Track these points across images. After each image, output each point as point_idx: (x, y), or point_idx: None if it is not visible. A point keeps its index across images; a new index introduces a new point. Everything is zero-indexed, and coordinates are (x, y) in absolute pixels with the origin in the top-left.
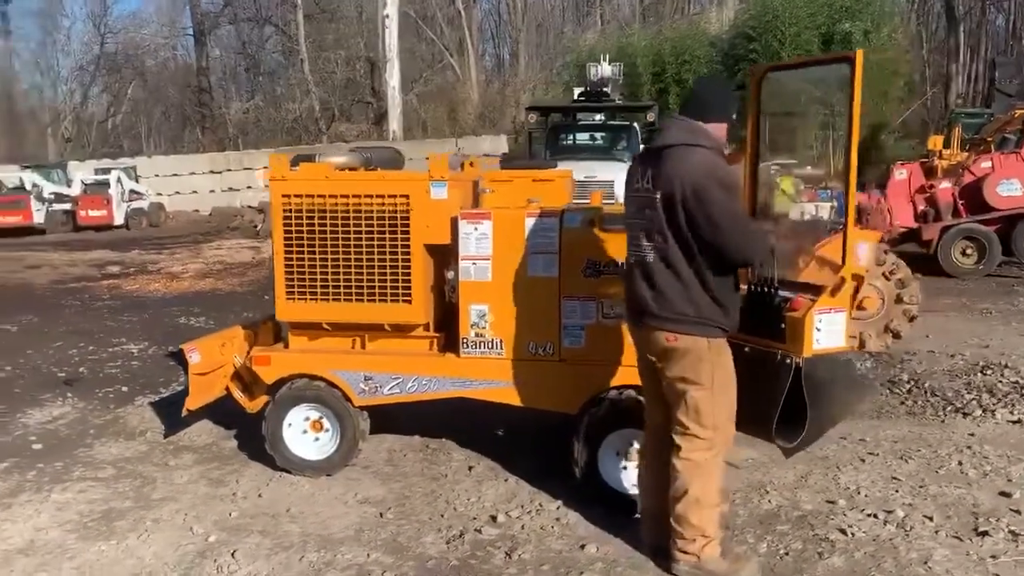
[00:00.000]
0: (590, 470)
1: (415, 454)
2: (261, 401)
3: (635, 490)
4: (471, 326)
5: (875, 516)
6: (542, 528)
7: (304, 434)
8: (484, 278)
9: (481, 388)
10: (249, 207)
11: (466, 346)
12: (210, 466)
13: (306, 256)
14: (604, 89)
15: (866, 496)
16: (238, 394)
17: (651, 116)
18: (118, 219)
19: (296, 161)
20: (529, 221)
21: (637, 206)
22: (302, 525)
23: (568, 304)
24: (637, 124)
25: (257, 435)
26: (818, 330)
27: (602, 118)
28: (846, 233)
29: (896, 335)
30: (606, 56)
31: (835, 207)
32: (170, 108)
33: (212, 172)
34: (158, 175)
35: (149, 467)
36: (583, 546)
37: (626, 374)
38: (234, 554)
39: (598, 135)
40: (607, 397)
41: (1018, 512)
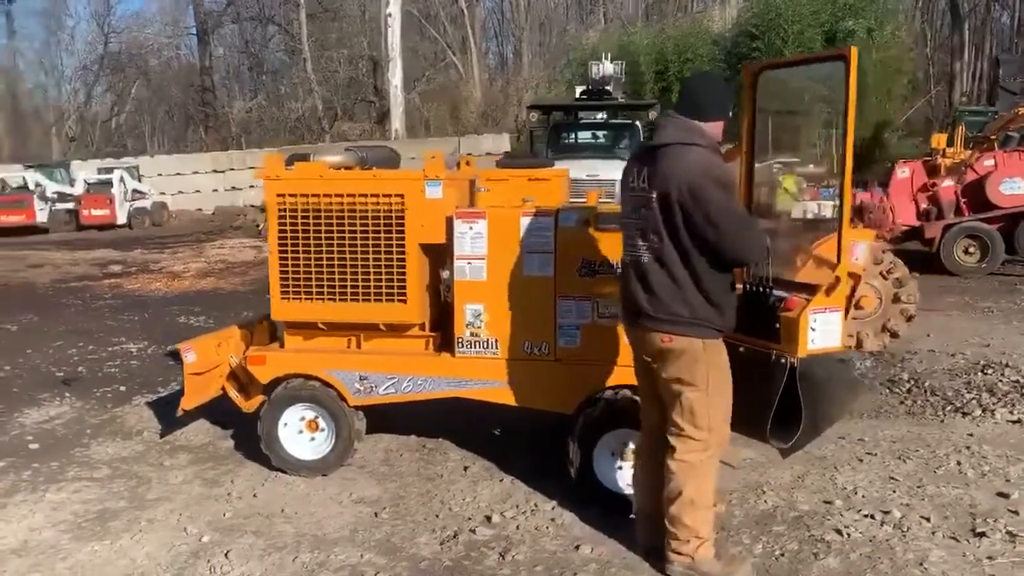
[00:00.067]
0: (585, 470)
1: (411, 454)
2: (257, 401)
3: (630, 490)
4: (466, 326)
5: (872, 517)
6: (537, 528)
7: (300, 434)
8: (479, 277)
9: (476, 388)
10: (252, 206)
11: (461, 346)
12: (205, 466)
13: (301, 255)
14: (606, 87)
15: (863, 496)
16: (234, 394)
17: (653, 114)
18: (121, 218)
19: (291, 160)
20: (524, 220)
21: (633, 205)
22: (296, 525)
23: (563, 304)
24: (639, 122)
25: (253, 435)
26: (813, 330)
27: (604, 116)
28: (841, 232)
29: (894, 334)
30: (608, 54)
31: (837, 205)
32: (173, 107)
33: (215, 171)
34: (161, 174)
35: (144, 467)
36: (577, 547)
37: (622, 374)
38: (227, 554)
39: (600, 134)
40: (602, 397)
41: (1016, 513)
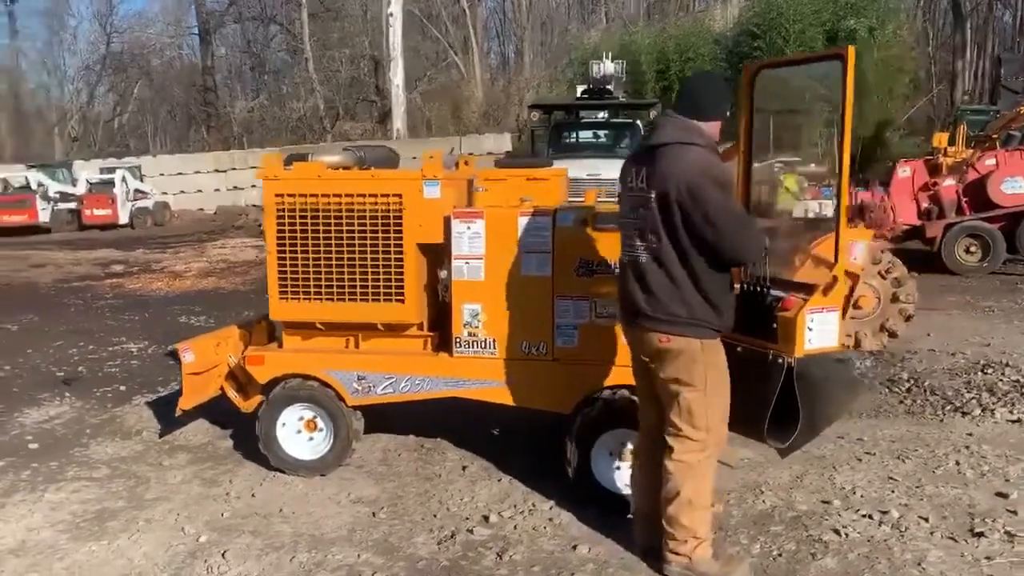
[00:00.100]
0: (583, 470)
1: (409, 454)
2: (256, 401)
3: (628, 490)
4: (464, 325)
5: (870, 517)
6: (534, 528)
7: (298, 434)
8: (477, 277)
9: (474, 388)
10: (254, 206)
11: (459, 346)
12: (204, 466)
13: (299, 255)
14: (607, 87)
15: (862, 496)
16: (232, 394)
17: (654, 114)
18: (123, 218)
19: (289, 160)
20: (522, 220)
21: (631, 205)
22: (294, 525)
23: (561, 303)
24: (640, 122)
25: (253, 435)
26: (810, 330)
27: (605, 116)
28: (838, 231)
29: (892, 334)
30: (609, 54)
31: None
32: (176, 107)
33: (217, 171)
34: (163, 174)
35: (143, 467)
36: (575, 547)
37: (620, 374)
38: (224, 554)
39: (601, 133)
40: (600, 397)
41: (1015, 513)
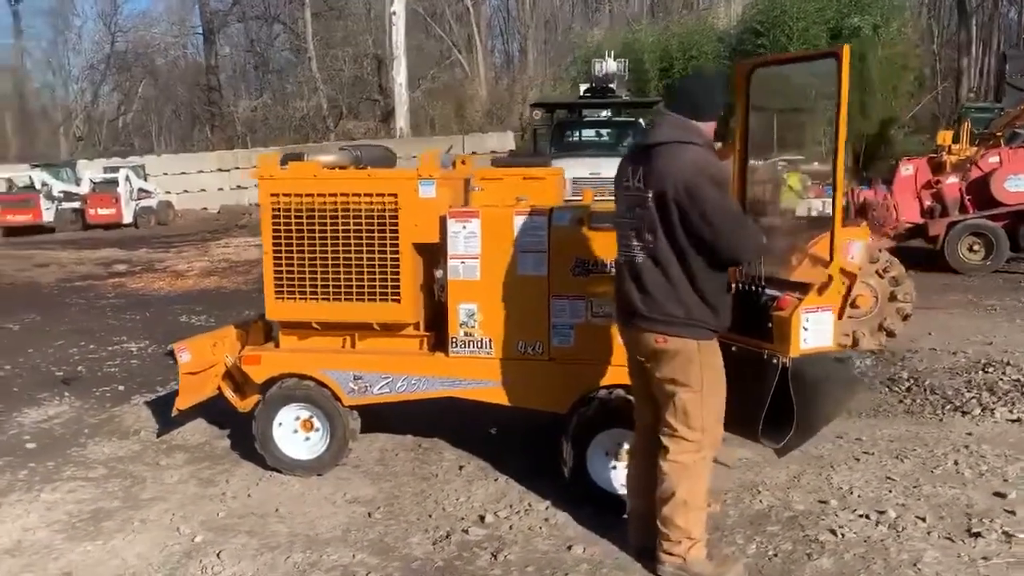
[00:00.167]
0: (579, 470)
1: (406, 453)
2: (253, 400)
3: (624, 490)
4: (460, 325)
5: (867, 517)
6: (530, 529)
7: (294, 434)
8: (473, 277)
9: (470, 387)
10: (257, 205)
11: (455, 345)
12: (201, 466)
13: (295, 255)
14: (610, 85)
15: (859, 496)
16: (229, 393)
17: None
18: (127, 217)
19: (285, 160)
20: (518, 219)
21: (627, 205)
22: (290, 525)
23: (557, 303)
24: (643, 120)
25: (250, 435)
26: (805, 329)
27: (608, 114)
28: (834, 230)
29: (890, 333)
30: (611, 52)
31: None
32: (180, 106)
33: (220, 170)
34: (167, 173)
35: (140, 467)
36: (570, 547)
37: (615, 373)
38: (219, 555)
39: (604, 131)
40: (596, 397)
41: (1012, 513)
